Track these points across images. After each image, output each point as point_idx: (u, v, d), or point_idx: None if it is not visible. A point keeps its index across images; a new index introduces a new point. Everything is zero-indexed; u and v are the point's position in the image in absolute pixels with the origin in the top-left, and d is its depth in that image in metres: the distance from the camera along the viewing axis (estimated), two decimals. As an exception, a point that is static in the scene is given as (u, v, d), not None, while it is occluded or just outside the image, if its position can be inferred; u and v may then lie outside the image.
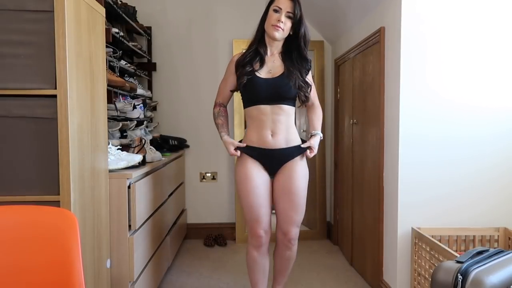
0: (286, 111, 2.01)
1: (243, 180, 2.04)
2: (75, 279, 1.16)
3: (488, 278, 1.38)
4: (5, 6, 1.41)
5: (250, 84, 1.99)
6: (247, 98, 2.05)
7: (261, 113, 2.00)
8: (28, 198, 1.46)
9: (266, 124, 2.00)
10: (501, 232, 2.23)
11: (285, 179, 2.03)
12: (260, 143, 2.02)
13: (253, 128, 2.04)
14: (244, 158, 2.05)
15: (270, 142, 2.01)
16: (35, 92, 1.44)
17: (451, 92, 2.22)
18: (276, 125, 2.00)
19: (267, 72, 2.02)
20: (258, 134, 2.02)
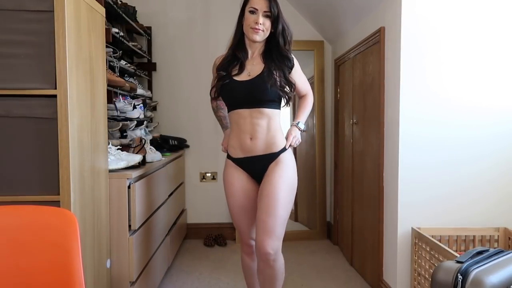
0: (267, 115, 1.86)
1: (225, 186, 1.98)
2: (75, 279, 1.16)
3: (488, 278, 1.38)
4: (5, 6, 1.42)
5: (226, 88, 1.88)
6: (226, 102, 1.95)
7: (240, 117, 1.87)
8: (28, 198, 1.46)
9: (244, 129, 1.87)
10: (501, 232, 2.23)
11: (264, 182, 1.87)
12: (240, 148, 1.91)
13: (233, 132, 1.93)
14: (228, 163, 1.98)
15: (249, 147, 1.88)
16: (35, 92, 1.44)
17: (451, 92, 2.22)
18: (255, 129, 1.86)
19: (246, 75, 1.88)
20: (238, 138, 1.91)
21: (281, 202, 1.82)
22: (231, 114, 1.92)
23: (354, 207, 3.00)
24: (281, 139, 1.90)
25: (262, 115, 1.86)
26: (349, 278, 2.85)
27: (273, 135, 1.88)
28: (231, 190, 1.95)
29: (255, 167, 1.91)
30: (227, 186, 1.96)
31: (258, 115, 1.86)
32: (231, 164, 1.96)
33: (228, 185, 1.96)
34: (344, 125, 3.25)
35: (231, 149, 1.94)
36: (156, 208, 2.52)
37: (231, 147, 1.95)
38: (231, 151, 1.95)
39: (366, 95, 2.73)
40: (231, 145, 1.95)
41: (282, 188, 1.83)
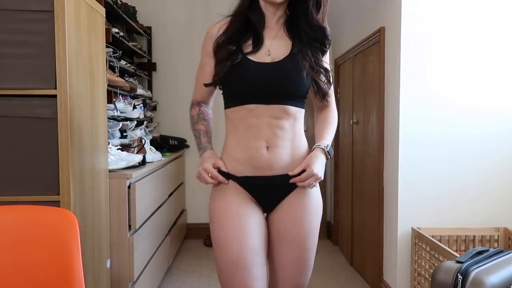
0: (292, 115, 1.27)
1: (222, 226, 1.25)
2: (75, 279, 1.16)
3: (488, 278, 1.38)
4: (5, 6, 1.41)
5: (238, 72, 1.23)
6: (231, 93, 1.29)
7: (252, 116, 1.24)
8: (28, 198, 1.46)
9: (258, 133, 1.24)
10: (501, 232, 2.23)
11: (288, 219, 1.29)
12: (250, 162, 1.26)
13: (237, 138, 1.28)
14: (223, 187, 1.29)
15: (265, 161, 1.25)
16: (35, 92, 1.44)
17: (451, 92, 2.22)
18: (275, 134, 1.25)
19: (265, 54, 1.25)
20: (245, 148, 1.26)
21: (313, 250, 1.35)
22: (235, 112, 1.28)
23: (354, 207, 3.00)
24: (307, 151, 1.33)
25: (287, 115, 1.26)
26: (349, 278, 2.85)
27: (299, 145, 1.30)
28: (234, 233, 1.23)
29: (270, 193, 1.29)
30: (226, 226, 1.24)
31: (281, 115, 1.25)
32: (231, 188, 1.28)
33: (226, 223, 1.25)
34: (344, 125, 3.25)
35: (232, 163, 1.29)
36: (156, 208, 2.52)
37: (232, 160, 1.29)
38: (232, 165, 1.28)
39: (366, 95, 2.73)
40: (232, 158, 1.29)
41: (315, 231, 1.34)
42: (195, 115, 1.39)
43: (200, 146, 1.35)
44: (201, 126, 1.37)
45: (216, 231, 1.27)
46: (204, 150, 1.34)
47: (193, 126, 1.39)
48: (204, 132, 1.36)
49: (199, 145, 1.36)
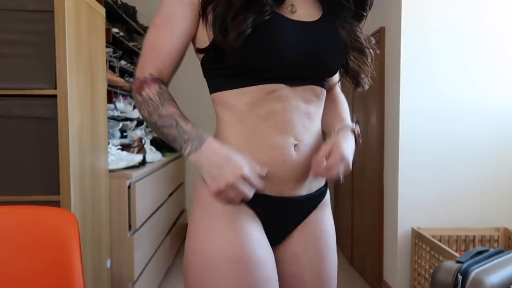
0: (322, 100, 0.94)
1: (250, 272, 0.82)
2: (75, 279, 1.16)
3: (488, 278, 1.38)
4: (5, 6, 1.41)
5: (266, 34, 0.81)
6: (243, 67, 0.84)
7: (273, 98, 0.85)
8: (28, 198, 1.46)
9: (285, 121, 0.86)
10: (501, 232, 2.23)
11: (310, 254, 0.93)
12: (272, 173, 0.85)
13: (246, 134, 0.86)
14: (220, 209, 0.85)
15: (294, 168, 0.87)
16: (35, 92, 1.44)
17: (451, 92, 2.22)
18: (304, 126, 0.89)
19: (288, 10, 0.87)
20: (266, 146, 0.86)
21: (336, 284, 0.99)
22: (242, 95, 0.86)
23: (354, 207, 3.00)
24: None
25: (318, 99, 0.92)
26: (349, 278, 2.85)
27: (320, 143, 0.94)
28: (240, 273, 0.81)
29: (288, 220, 0.93)
30: (255, 277, 0.82)
31: (312, 99, 0.90)
32: (244, 214, 0.86)
33: (254, 273, 0.82)
34: (344, 125, 3.25)
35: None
36: (156, 208, 2.52)
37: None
38: None
39: (366, 95, 2.73)
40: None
41: (336, 259, 0.98)
42: (154, 96, 0.85)
43: (186, 138, 0.81)
44: (172, 109, 0.84)
45: (214, 273, 0.81)
46: (199, 140, 0.80)
47: (156, 112, 0.84)
48: (180, 115, 0.84)
49: (182, 136, 0.81)
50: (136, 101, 0.89)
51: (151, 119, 0.85)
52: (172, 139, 0.83)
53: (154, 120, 0.85)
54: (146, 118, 0.87)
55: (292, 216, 0.92)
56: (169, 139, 0.84)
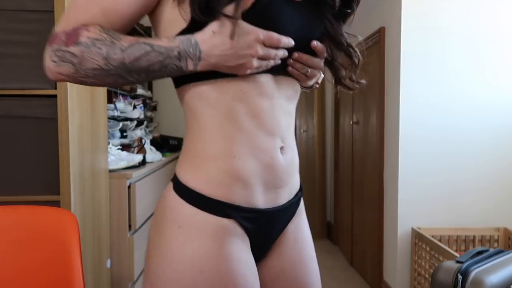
0: (297, 98, 0.83)
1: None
2: (75, 279, 1.16)
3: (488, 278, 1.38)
4: (5, 6, 1.41)
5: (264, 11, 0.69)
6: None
7: (262, 94, 0.73)
8: (28, 198, 1.46)
9: (273, 121, 0.75)
10: (501, 232, 2.23)
11: (296, 268, 0.85)
12: (263, 180, 0.75)
13: (229, 136, 0.72)
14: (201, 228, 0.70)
15: (283, 173, 0.77)
16: (35, 92, 1.44)
17: (451, 92, 2.22)
18: (289, 127, 0.80)
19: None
20: (255, 150, 0.73)
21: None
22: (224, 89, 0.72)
23: (354, 207, 3.00)
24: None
25: (296, 96, 0.83)
26: (349, 278, 2.85)
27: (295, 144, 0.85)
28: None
29: (274, 230, 0.81)
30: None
31: (292, 96, 0.81)
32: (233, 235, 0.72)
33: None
34: (344, 125, 3.25)
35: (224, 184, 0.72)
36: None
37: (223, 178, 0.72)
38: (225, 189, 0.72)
39: (366, 95, 2.73)
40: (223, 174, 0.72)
41: (317, 268, 0.94)
42: (100, 35, 0.64)
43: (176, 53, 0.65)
44: (131, 38, 0.67)
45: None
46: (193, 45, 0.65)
47: (115, 48, 0.64)
48: (146, 39, 0.67)
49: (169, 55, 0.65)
50: (68, 58, 0.63)
51: (112, 62, 0.63)
52: (158, 67, 0.65)
53: (117, 59, 0.63)
54: (103, 66, 0.63)
55: (276, 227, 0.80)
56: (154, 70, 0.65)
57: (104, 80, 0.66)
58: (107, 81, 0.66)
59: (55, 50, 0.64)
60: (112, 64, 0.64)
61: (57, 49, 0.64)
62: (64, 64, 0.64)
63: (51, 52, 0.65)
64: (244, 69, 0.68)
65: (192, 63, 0.66)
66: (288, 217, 0.83)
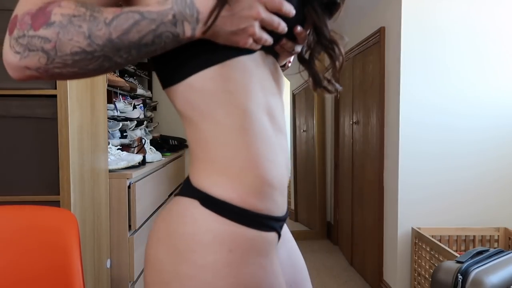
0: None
1: None
2: (75, 279, 1.16)
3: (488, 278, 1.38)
4: (5, 6, 1.41)
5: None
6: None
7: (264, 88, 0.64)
8: (28, 198, 1.46)
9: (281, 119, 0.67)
10: (501, 232, 2.23)
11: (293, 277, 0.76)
12: (281, 186, 0.64)
13: (259, 141, 0.61)
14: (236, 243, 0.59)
15: (286, 175, 0.67)
16: (35, 92, 1.44)
17: (451, 92, 2.22)
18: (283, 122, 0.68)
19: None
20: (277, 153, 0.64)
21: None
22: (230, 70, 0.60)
23: (354, 207, 3.00)
24: None
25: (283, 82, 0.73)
26: (349, 278, 2.85)
27: None
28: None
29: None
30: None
31: (280, 80, 0.71)
32: (269, 252, 0.63)
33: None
34: (344, 125, 3.25)
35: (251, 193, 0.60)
36: (156, 208, 2.52)
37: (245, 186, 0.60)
38: (265, 196, 0.62)
39: (366, 95, 2.73)
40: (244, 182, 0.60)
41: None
42: (77, 9, 0.52)
43: (170, 17, 0.54)
44: (114, 9, 0.54)
45: None
46: (189, 6, 0.54)
47: (98, 23, 0.52)
48: (133, 6, 0.55)
49: (163, 21, 0.54)
50: (38, 45, 0.51)
51: (96, 40, 0.51)
52: (152, 38, 0.54)
53: (103, 36, 0.51)
54: (85, 48, 0.51)
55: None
56: (147, 43, 0.54)
57: (86, 67, 0.53)
58: (89, 68, 0.53)
59: (17, 38, 0.51)
60: (97, 43, 0.51)
61: (20, 36, 0.51)
62: (33, 54, 0.51)
63: (12, 41, 0.51)
64: (246, 36, 0.57)
65: (190, 28, 0.55)
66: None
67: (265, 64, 0.64)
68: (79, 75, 0.55)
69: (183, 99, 0.61)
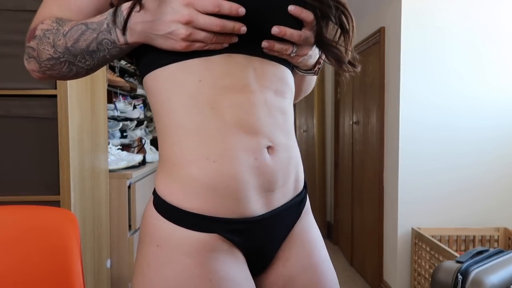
0: (289, 86, 0.71)
1: None
2: (75, 279, 1.16)
3: (488, 278, 1.38)
4: (5, 6, 1.41)
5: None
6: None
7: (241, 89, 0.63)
8: (28, 198, 1.46)
9: (250, 120, 0.64)
10: (501, 232, 2.23)
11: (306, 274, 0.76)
12: (249, 181, 0.64)
13: (216, 134, 0.62)
14: (184, 247, 0.62)
15: (271, 176, 0.67)
16: (35, 92, 1.44)
17: (451, 91, 2.22)
18: (280, 125, 0.68)
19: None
20: (238, 150, 0.63)
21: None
22: (190, 72, 0.62)
23: (354, 207, 3.00)
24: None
25: (286, 86, 0.71)
26: (349, 278, 2.85)
27: (294, 141, 0.75)
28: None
29: (274, 237, 0.72)
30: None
31: (280, 86, 0.69)
32: (208, 251, 0.62)
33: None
34: (344, 125, 3.25)
35: (202, 194, 0.62)
36: (156, 208, 2.52)
37: (199, 187, 0.62)
38: (203, 201, 0.63)
39: (366, 95, 2.73)
40: (198, 183, 0.62)
41: (332, 269, 0.86)
42: (51, 25, 0.64)
43: (105, 26, 0.60)
44: (74, 22, 0.63)
45: None
46: (118, 14, 0.59)
47: (58, 35, 0.62)
48: (86, 20, 0.63)
49: (100, 30, 0.61)
50: (31, 53, 0.65)
51: (58, 48, 0.62)
52: (96, 45, 0.61)
53: (61, 44, 0.62)
54: (52, 55, 0.63)
55: (274, 233, 0.71)
56: (94, 50, 0.61)
57: (60, 70, 0.65)
58: (63, 71, 0.65)
59: (25, 48, 0.67)
60: (59, 51, 0.63)
61: (26, 46, 0.67)
62: (30, 60, 0.66)
63: (25, 51, 0.67)
64: (177, 41, 0.58)
65: (121, 33, 0.60)
66: (290, 220, 0.74)
67: (240, 65, 0.63)
68: (63, 77, 0.67)
69: (148, 89, 0.68)
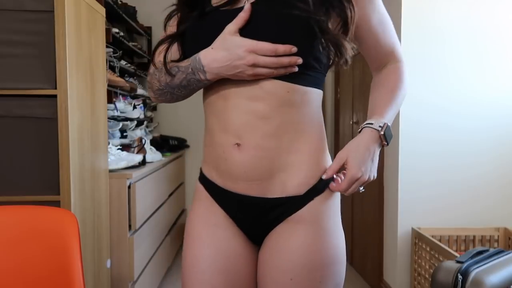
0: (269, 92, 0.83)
1: (186, 243, 0.96)
2: (75, 279, 1.16)
3: (488, 278, 1.38)
4: (4, 6, 1.41)
5: (197, 30, 0.89)
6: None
7: (218, 95, 0.88)
8: (28, 198, 1.46)
9: (223, 120, 0.86)
10: (501, 232, 2.23)
11: (277, 264, 0.88)
12: (215, 167, 0.91)
13: (206, 129, 0.94)
14: (198, 192, 0.97)
15: (238, 168, 0.86)
16: (35, 92, 1.44)
17: (451, 92, 2.22)
18: (252, 127, 0.83)
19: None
20: (212, 143, 0.91)
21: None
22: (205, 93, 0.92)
23: (354, 207, 3.00)
24: (324, 158, 0.91)
25: (265, 93, 0.82)
26: (349, 278, 2.85)
27: (306, 149, 0.87)
28: (195, 253, 0.92)
29: (250, 217, 0.90)
30: (189, 243, 0.94)
31: (258, 93, 0.82)
32: (202, 196, 0.95)
33: (191, 240, 0.94)
34: (344, 125, 3.25)
35: (206, 163, 0.95)
36: (156, 208, 2.52)
37: (205, 159, 0.96)
38: (205, 167, 0.96)
39: (366, 95, 2.73)
40: (205, 156, 0.96)
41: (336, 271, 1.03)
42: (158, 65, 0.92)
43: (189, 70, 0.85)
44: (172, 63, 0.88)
45: (185, 249, 0.96)
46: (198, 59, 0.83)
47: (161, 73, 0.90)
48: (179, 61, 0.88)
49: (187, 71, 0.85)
50: (149, 88, 0.97)
51: (162, 83, 0.91)
52: (186, 82, 0.87)
53: (163, 81, 0.90)
54: (159, 87, 0.92)
55: (256, 217, 0.90)
56: (185, 85, 0.88)
57: (166, 97, 0.94)
58: (167, 98, 0.94)
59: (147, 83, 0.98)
60: (163, 85, 0.91)
61: (147, 81, 0.98)
62: (149, 90, 0.97)
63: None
64: (245, 76, 0.81)
65: (202, 75, 0.84)
66: (273, 216, 0.89)
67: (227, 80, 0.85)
68: (167, 101, 0.97)
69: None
